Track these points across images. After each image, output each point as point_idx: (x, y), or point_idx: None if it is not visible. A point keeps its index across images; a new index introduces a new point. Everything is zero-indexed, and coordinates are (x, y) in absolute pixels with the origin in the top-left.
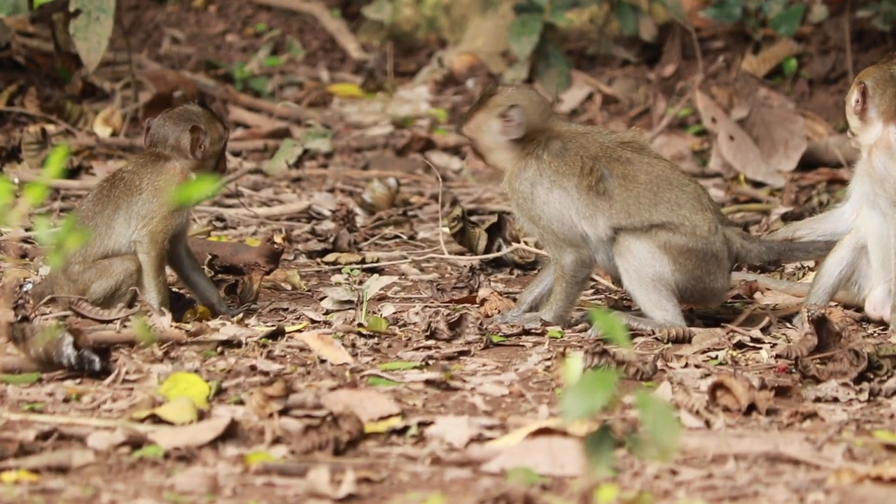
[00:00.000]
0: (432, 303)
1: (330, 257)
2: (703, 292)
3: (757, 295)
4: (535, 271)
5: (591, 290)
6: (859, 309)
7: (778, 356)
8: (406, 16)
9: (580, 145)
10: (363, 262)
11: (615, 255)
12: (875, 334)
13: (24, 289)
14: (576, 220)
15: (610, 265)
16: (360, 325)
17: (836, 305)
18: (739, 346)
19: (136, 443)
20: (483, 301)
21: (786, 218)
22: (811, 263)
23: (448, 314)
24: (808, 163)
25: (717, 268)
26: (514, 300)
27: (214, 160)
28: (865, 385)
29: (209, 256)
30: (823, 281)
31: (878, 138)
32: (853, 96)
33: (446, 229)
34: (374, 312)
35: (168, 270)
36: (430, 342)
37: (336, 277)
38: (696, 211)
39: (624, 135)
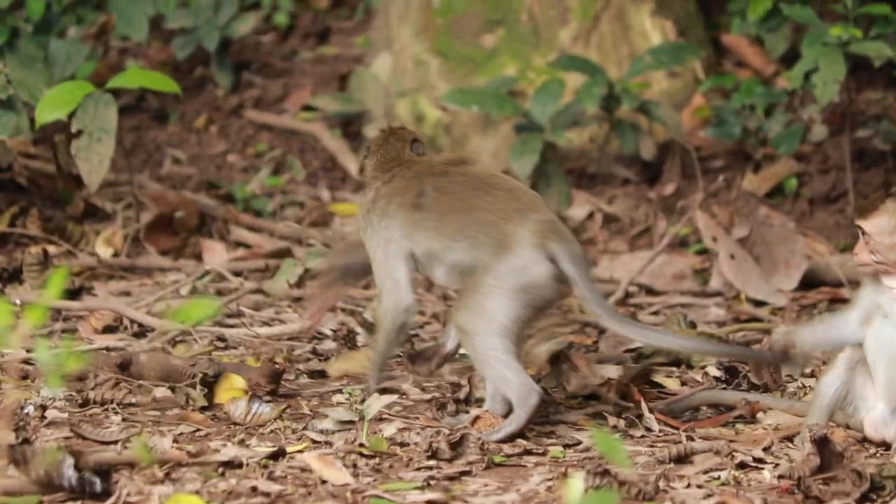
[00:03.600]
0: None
1: None
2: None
3: (759, 415)
4: None
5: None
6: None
7: (780, 476)
8: None
9: (408, 168)
10: None
11: None
12: (878, 454)
13: (25, 410)
14: (400, 240)
15: (452, 278)
16: (361, 444)
17: (837, 426)
18: (742, 465)
19: None
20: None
21: None
22: (813, 382)
23: (449, 434)
24: (810, 282)
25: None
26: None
27: None
28: None
29: None
30: (819, 402)
31: None
32: None
33: None
34: (376, 432)
35: None
36: (432, 462)
37: (337, 397)
38: (509, 219)
39: (453, 156)
